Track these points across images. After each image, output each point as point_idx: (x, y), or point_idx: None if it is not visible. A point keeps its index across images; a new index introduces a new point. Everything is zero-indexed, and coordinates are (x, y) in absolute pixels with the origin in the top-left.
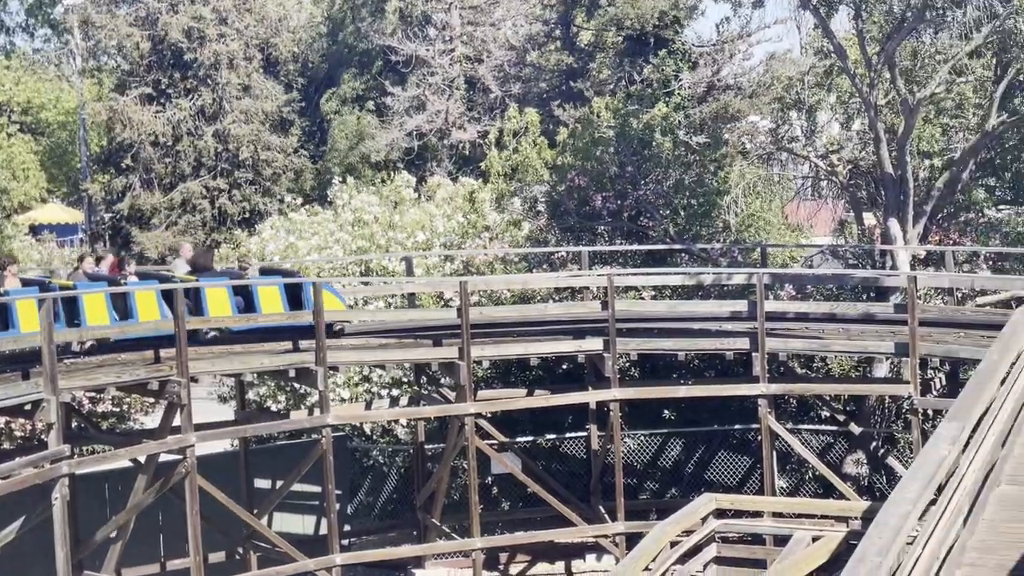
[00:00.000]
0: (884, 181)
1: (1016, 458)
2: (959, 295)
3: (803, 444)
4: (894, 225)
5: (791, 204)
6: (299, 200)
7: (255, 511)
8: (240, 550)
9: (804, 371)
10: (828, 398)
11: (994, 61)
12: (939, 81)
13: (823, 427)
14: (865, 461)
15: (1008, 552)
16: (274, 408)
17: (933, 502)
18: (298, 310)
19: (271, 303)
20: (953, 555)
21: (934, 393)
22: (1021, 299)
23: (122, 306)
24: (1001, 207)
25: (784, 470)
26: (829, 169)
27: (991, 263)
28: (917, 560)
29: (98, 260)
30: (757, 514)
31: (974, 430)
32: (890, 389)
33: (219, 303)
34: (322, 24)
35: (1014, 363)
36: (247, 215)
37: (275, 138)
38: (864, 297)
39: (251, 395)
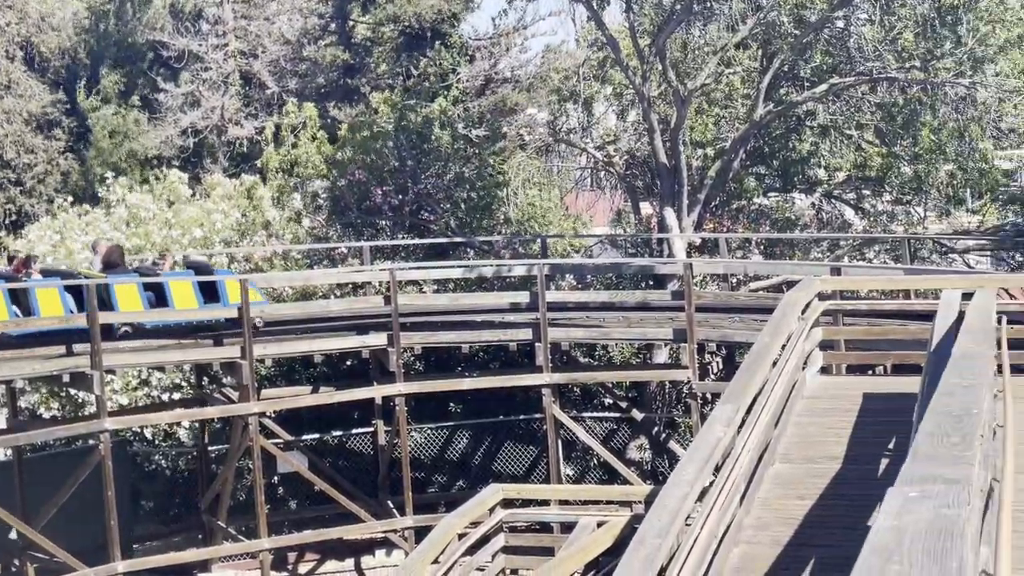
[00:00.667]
0: (659, 171)
1: (789, 437)
2: (734, 281)
3: (587, 431)
4: (670, 214)
5: (570, 195)
6: (69, 200)
7: (31, 521)
8: (16, 562)
9: (587, 360)
10: (610, 385)
11: (760, 52)
12: (708, 72)
13: (606, 414)
14: (648, 446)
15: (782, 528)
16: (47, 415)
17: (711, 483)
18: (214, 304)
19: (184, 299)
20: (731, 533)
21: (712, 377)
22: (792, 283)
23: (24, 303)
24: (770, 194)
25: (570, 458)
26: (606, 160)
27: (762, 249)
28: (696, 540)
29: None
30: (544, 502)
31: (748, 411)
32: (670, 375)
33: (130, 299)
34: (86, 19)
35: (784, 345)
36: (14, 217)
37: (39, 139)
38: (643, 285)
39: (23, 403)
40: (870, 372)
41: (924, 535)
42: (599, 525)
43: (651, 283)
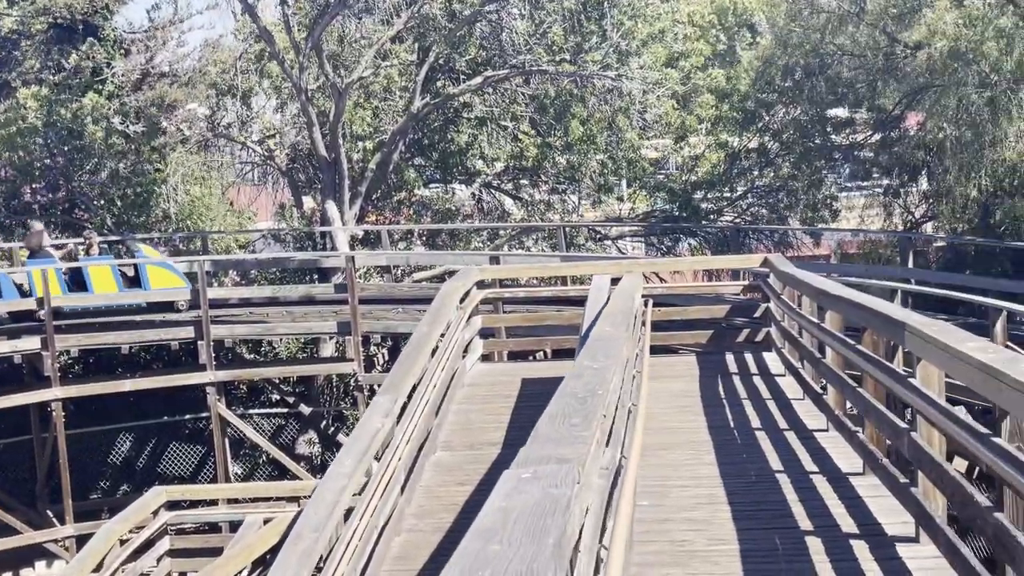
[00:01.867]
0: (320, 164)
1: (450, 425)
2: (398, 272)
3: (255, 428)
4: (332, 207)
5: (233, 190)
6: None
7: None
8: None
9: (253, 356)
10: (277, 381)
11: (416, 46)
12: (366, 65)
13: (274, 410)
14: (317, 440)
15: (445, 514)
16: None
17: (371, 474)
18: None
19: (104, 283)
20: (392, 523)
21: (378, 368)
22: (453, 272)
23: None
24: (431, 185)
25: (238, 456)
26: (267, 154)
27: (425, 239)
28: (355, 532)
29: None
30: (214, 502)
31: (409, 401)
32: (336, 368)
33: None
34: None
35: (444, 334)
36: None
37: None
38: (308, 279)
39: None
40: (531, 358)
41: (528, 515)
42: (265, 522)
43: (316, 277)
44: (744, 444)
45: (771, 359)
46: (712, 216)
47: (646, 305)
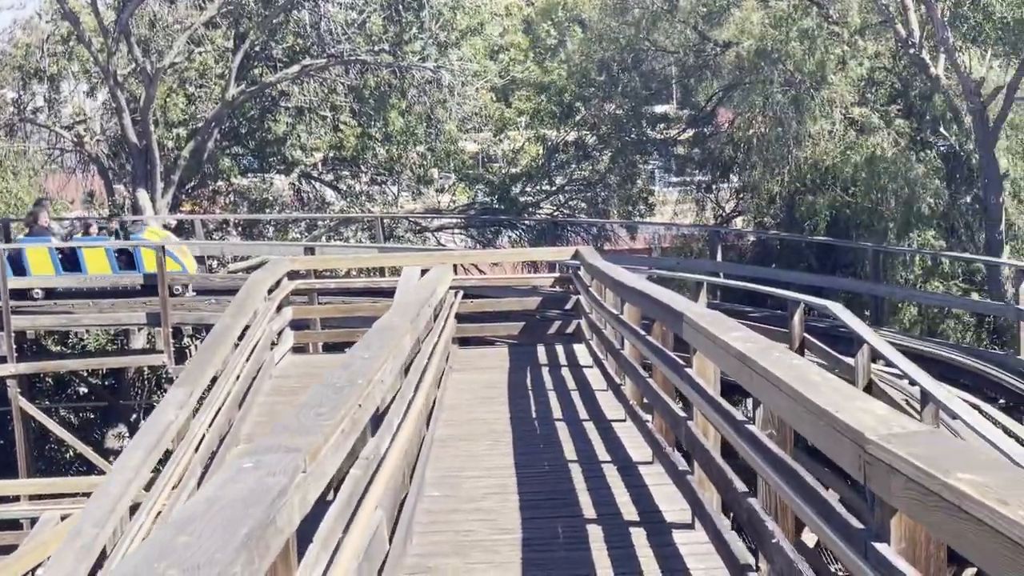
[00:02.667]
0: (131, 151)
1: (254, 417)
2: (213, 263)
3: (63, 422)
4: (143, 195)
5: (43, 177)
6: None
7: None
8: None
9: (59, 348)
10: (85, 374)
11: (232, 32)
12: (178, 51)
13: (83, 403)
14: (127, 434)
15: None
16: None
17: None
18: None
19: (98, 264)
20: None
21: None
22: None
23: None
24: (248, 175)
25: (44, 451)
26: (76, 140)
27: (242, 230)
28: (143, 526)
29: None
30: (17, 498)
31: (209, 393)
32: (146, 360)
33: (41, 263)
34: None
35: (249, 325)
36: None
37: None
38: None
39: None
40: (346, 350)
41: (232, 505)
42: (63, 518)
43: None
44: (543, 435)
45: (580, 351)
46: (531, 209)
47: (456, 296)
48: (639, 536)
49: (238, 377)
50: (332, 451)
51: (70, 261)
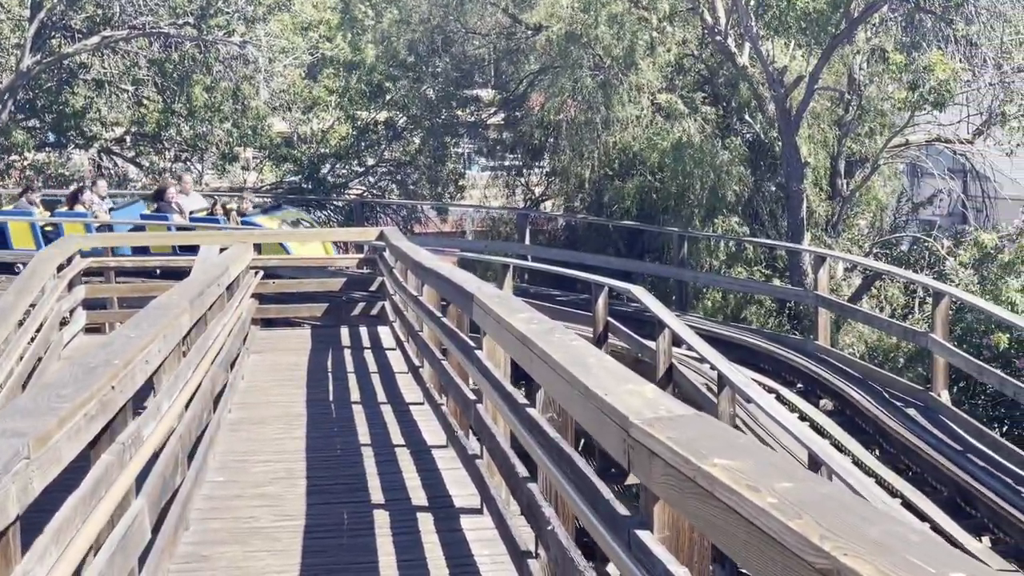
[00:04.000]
0: None
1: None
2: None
3: None
4: None
5: None
6: None
7: None
8: None
9: None
10: None
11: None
12: None
13: None
14: None
15: None
16: None
17: None
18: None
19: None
20: None
21: None
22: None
23: None
24: (45, 149)
25: None
26: None
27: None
28: None
29: None
30: None
31: None
32: None
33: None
34: None
35: (34, 304)
36: None
37: None
38: None
39: None
40: None
41: None
42: None
43: None
44: (339, 418)
45: (384, 333)
46: (340, 189)
47: (256, 276)
48: (427, 522)
49: (21, 357)
50: (70, 436)
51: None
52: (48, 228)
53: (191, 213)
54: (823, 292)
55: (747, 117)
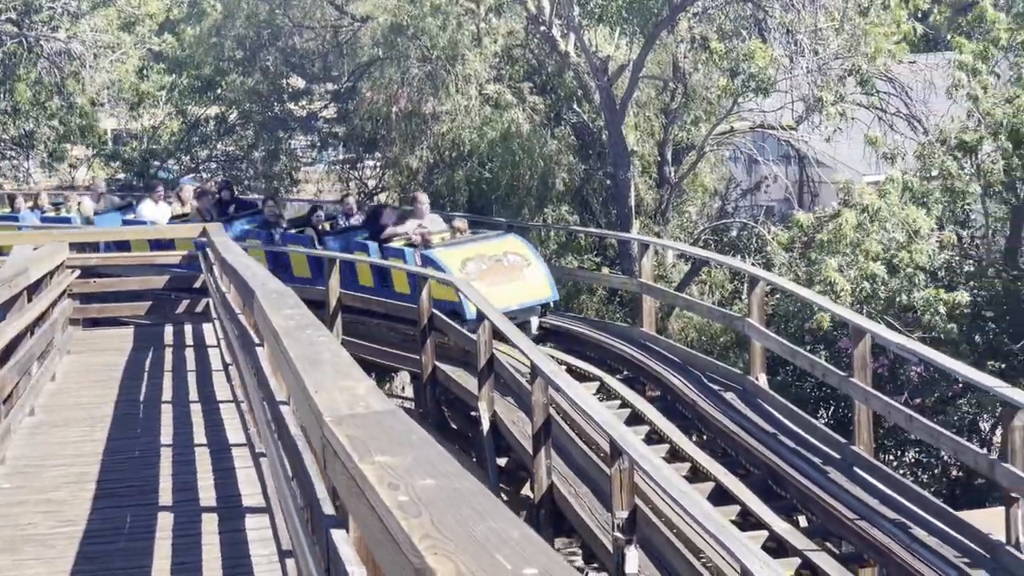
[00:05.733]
0: None
1: None
2: None
3: None
4: None
5: None
6: None
7: None
8: None
9: None
10: None
11: None
12: None
13: None
14: None
15: None
16: None
17: None
18: None
19: None
20: None
21: None
22: None
23: None
24: None
25: None
26: None
27: None
28: None
29: None
30: None
31: None
32: None
33: None
34: None
35: None
36: None
37: None
38: None
39: None
40: None
41: None
42: None
43: None
44: (145, 418)
45: (208, 330)
46: (173, 185)
47: (72, 275)
48: (211, 522)
49: None
50: None
51: None
52: None
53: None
54: (647, 279)
55: (575, 106)
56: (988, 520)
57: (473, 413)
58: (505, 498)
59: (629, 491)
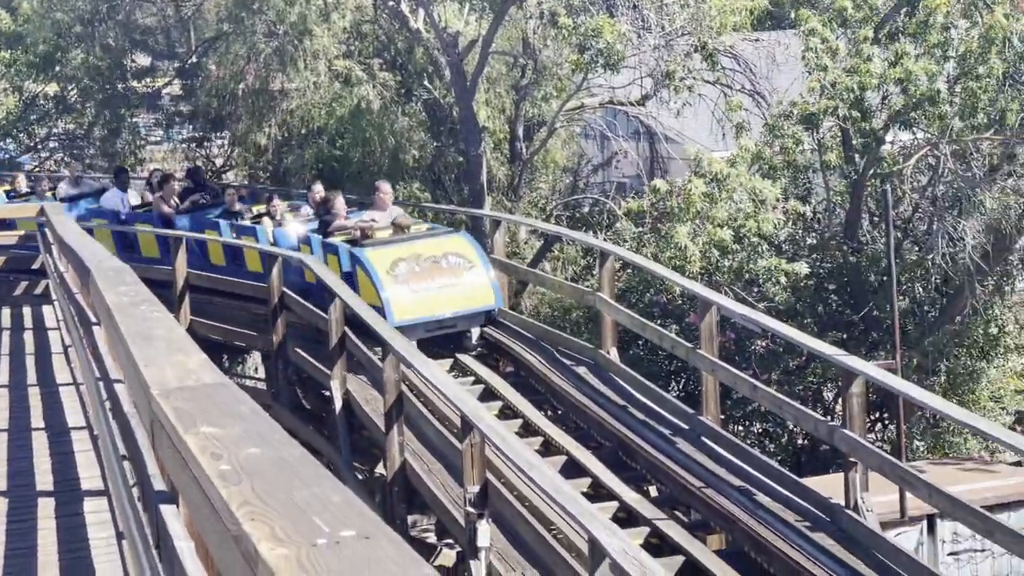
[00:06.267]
0: None
1: None
2: None
3: None
4: None
5: None
6: None
7: None
8: None
9: None
10: None
11: None
12: None
13: None
14: None
15: None
16: None
17: None
18: None
19: None
20: None
21: None
22: None
23: None
24: None
25: None
26: None
27: None
28: None
29: None
30: None
31: None
32: None
33: None
34: None
35: None
36: None
37: None
38: None
39: None
40: None
41: None
42: None
43: None
44: None
45: (48, 312)
46: (8, 165)
47: None
48: (47, 507)
49: None
50: None
51: None
52: None
53: None
54: (499, 256)
55: (426, 83)
56: (829, 485)
57: (326, 392)
58: (359, 476)
59: (480, 465)
